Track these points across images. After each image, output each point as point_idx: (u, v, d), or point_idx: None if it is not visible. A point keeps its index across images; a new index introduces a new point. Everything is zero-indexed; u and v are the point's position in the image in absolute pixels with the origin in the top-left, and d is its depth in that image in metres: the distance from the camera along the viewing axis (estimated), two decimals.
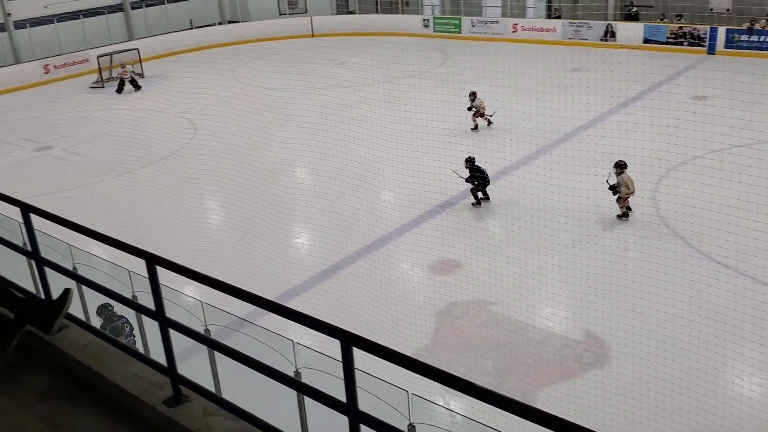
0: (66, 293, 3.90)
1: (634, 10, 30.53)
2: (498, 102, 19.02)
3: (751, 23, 26.25)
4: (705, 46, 26.97)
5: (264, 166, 17.62)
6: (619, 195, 13.65)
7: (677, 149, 14.37)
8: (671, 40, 27.86)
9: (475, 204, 14.91)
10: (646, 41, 28.44)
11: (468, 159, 14.97)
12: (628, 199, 13.70)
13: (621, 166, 13.74)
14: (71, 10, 33.19)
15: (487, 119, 19.75)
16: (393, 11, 37.76)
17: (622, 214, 13.75)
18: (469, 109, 19.64)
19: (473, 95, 19.68)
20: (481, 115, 19.68)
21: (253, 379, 3.48)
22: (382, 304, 11.01)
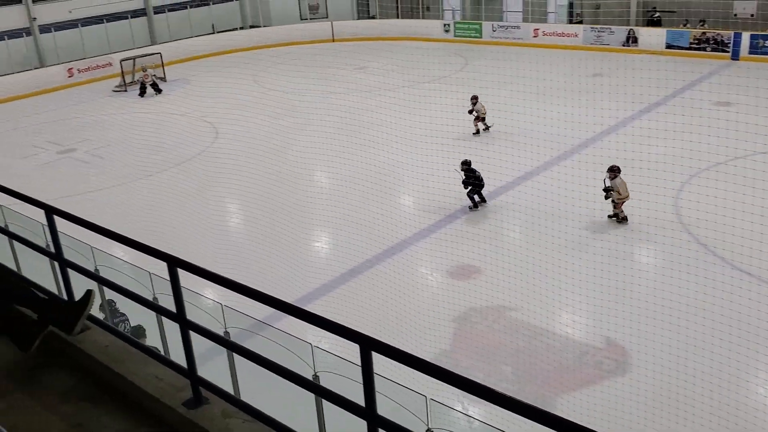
0: (88, 295, 3.94)
1: (657, 15, 30.30)
2: (518, 107, 18.94)
3: None
4: (729, 52, 26.68)
5: (284, 169, 17.70)
6: (611, 199, 13.69)
7: (700, 156, 14.23)
8: (694, 46, 27.60)
9: (472, 208, 14.93)
10: (669, 47, 28.20)
11: (464, 162, 15.02)
12: (622, 204, 13.72)
13: (614, 170, 13.79)
14: (95, 14, 33.61)
15: (485, 125, 19.78)
16: (413, 16, 37.78)
17: (614, 214, 13.83)
18: (470, 112, 19.70)
19: (475, 99, 19.71)
20: (481, 119, 19.72)
21: (272, 381, 3.49)
22: (401, 309, 11.01)
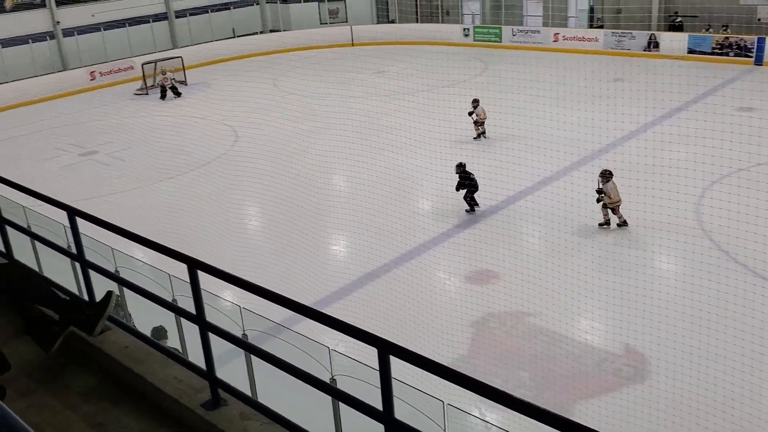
0: (109, 296, 3.98)
1: (679, 20, 30.02)
2: (538, 112, 18.86)
3: None
4: (752, 57, 26.38)
5: (303, 173, 17.77)
6: (603, 203, 13.67)
7: (721, 161, 14.09)
8: (717, 51, 27.33)
9: (469, 211, 14.94)
10: (691, 51, 27.94)
11: (459, 165, 15.03)
12: (619, 208, 13.69)
13: (606, 175, 13.77)
14: (117, 18, 34.02)
15: (483, 129, 19.78)
16: (433, 21, 37.79)
17: (605, 222, 13.82)
18: (470, 114, 19.69)
19: (476, 102, 19.69)
20: (480, 123, 19.70)
21: (289, 384, 3.50)
22: (418, 313, 10.99)
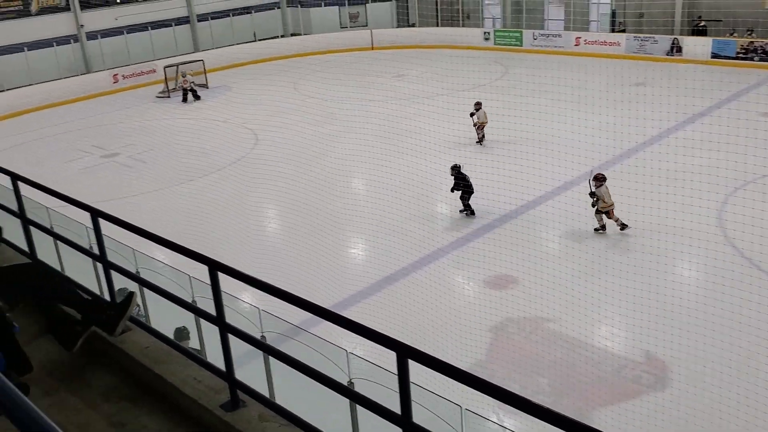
0: (130, 296, 4.02)
1: (702, 24, 29.74)
2: (558, 116, 18.78)
3: None
4: None
5: (322, 176, 17.81)
6: (597, 208, 13.63)
7: (745, 168, 13.90)
8: (741, 55, 27.03)
9: (469, 214, 15.04)
10: (714, 56, 27.67)
11: (453, 167, 15.07)
12: (613, 212, 13.66)
13: (599, 179, 13.73)
14: (140, 22, 34.37)
15: (482, 134, 19.77)
16: (453, 24, 37.77)
17: (600, 227, 13.79)
18: (471, 115, 19.68)
19: (478, 105, 19.67)
20: (480, 127, 19.68)
21: (307, 386, 3.50)
22: (436, 317, 10.96)
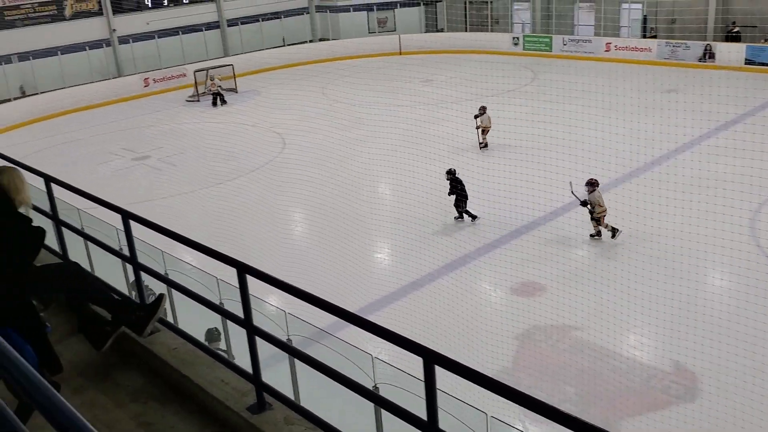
0: (160, 298, 4.05)
1: (736, 30, 29.27)
2: (588, 122, 18.60)
3: None
4: None
5: (349, 180, 17.85)
6: (593, 215, 13.60)
7: None
8: None
9: (461, 219, 15.06)
10: (748, 62, 27.22)
11: (449, 171, 15.09)
12: (604, 218, 13.60)
13: (593, 184, 13.67)
14: (171, 26, 34.81)
15: (484, 139, 19.72)
16: (482, 29, 37.65)
17: (596, 232, 13.74)
18: (475, 117, 19.66)
19: (482, 109, 19.65)
20: (484, 132, 19.63)
21: (332, 390, 3.50)
22: (462, 324, 10.90)
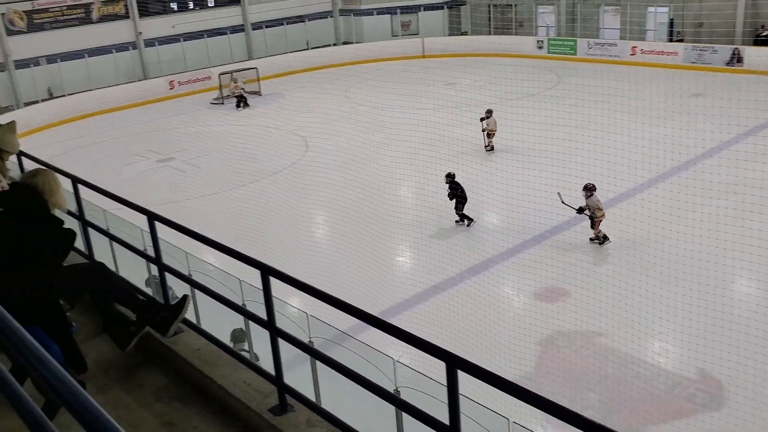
0: (184, 299, 4.08)
1: (765, 33, 28.87)
2: (613, 126, 18.44)
3: None
4: None
5: (371, 183, 17.86)
6: (593, 218, 13.52)
7: None
8: None
9: (462, 223, 15.05)
10: None
11: (448, 174, 15.06)
12: (599, 222, 13.53)
13: (590, 188, 13.47)
14: (196, 30, 35.15)
15: (490, 142, 19.72)
16: (506, 32, 37.50)
17: (595, 237, 13.65)
18: (481, 120, 19.64)
19: (489, 113, 19.60)
20: (490, 135, 19.59)
21: (353, 393, 3.49)
22: (484, 328, 10.84)
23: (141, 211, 4.35)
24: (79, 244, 5.42)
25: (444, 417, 2.79)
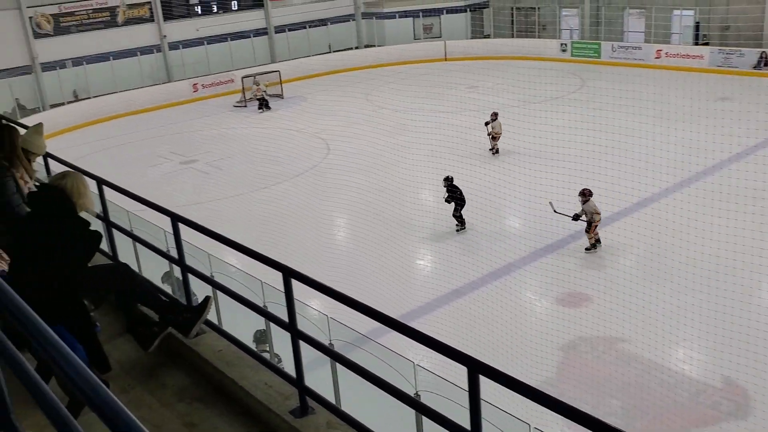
0: (206, 301, 4.11)
1: None
2: (637, 130, 18.25)
3: None
4: None
5: (392, 186, 17.84)
6: (592, 223, 13.41)
7: None
8: None
9: (460, 228, 14.94)
10: None
11: (446, 178, 15.03)
12: (596, 226, 13.42)
13: (586, 194, 13.30)
14: (220, 33, 35.43)
15: (495, 146, 19.70)
16: (529, 35, 37.31)
17: (591, 246, 13.52)
18: (486, 124, 19.61)
19: (494, 116, 19.57)
20: (495, 138, 19.57)
21: (373, 396, 3.48)
22: (505, 333, 10.78)
23: (165, 213, 4.39)
24: (103, 245, 5.48)
25: (464, 421, 2.77)
